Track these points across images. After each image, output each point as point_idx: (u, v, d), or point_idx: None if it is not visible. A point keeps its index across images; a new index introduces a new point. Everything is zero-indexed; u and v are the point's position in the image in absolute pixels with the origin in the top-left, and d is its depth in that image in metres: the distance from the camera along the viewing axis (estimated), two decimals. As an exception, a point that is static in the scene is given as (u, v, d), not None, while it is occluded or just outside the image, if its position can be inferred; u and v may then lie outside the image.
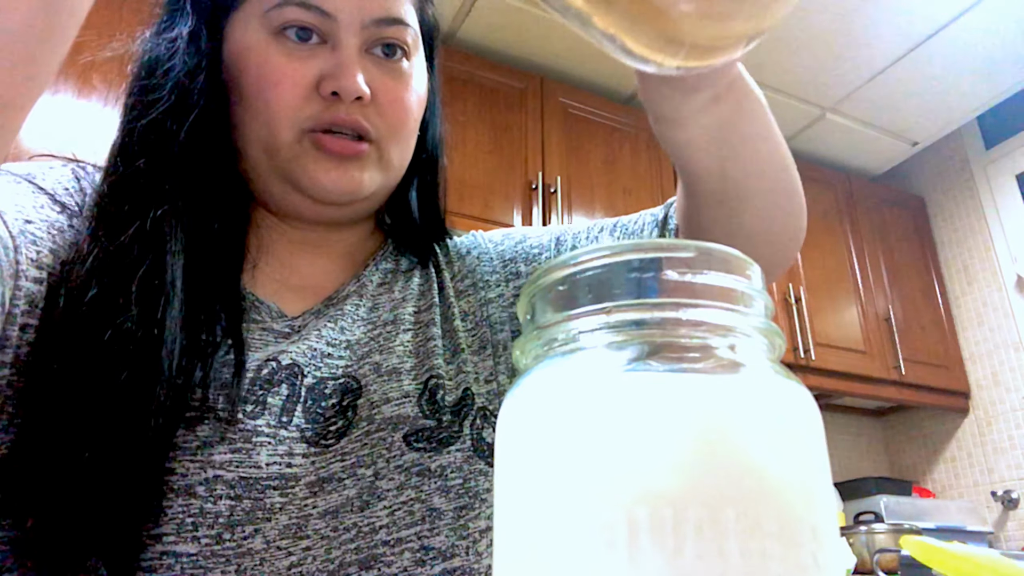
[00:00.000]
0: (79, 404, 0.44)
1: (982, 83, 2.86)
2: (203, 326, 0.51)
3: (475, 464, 0.55)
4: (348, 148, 0.55)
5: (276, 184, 0.58)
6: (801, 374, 2.61)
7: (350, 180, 0.56)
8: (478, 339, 0.63)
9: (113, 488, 0.44)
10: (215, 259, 0.55)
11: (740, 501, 0.20)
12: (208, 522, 0.46)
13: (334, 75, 0.54)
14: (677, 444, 0.20)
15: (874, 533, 2.35)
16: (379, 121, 0.57)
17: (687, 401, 0.21)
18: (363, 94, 0.54)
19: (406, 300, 0.63)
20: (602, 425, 0.21)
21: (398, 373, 0.57)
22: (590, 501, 0.20)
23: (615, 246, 0.24)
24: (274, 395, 0.52)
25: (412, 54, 0.59)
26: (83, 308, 0.46)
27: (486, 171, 2.38)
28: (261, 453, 0.49)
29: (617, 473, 0.20)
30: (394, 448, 0.53)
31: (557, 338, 0.24)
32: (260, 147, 0.56)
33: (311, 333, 0.57)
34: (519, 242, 0.70)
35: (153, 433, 0.45)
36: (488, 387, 0.61)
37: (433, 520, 0.52)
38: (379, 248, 0.67)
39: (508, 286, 0.67)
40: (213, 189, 0.56)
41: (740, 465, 0.20)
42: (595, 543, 0.19)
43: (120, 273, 0.48)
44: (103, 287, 0.47)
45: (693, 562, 0.19)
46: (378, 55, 0.57)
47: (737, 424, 0.21)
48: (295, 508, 0.49)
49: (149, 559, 0.45)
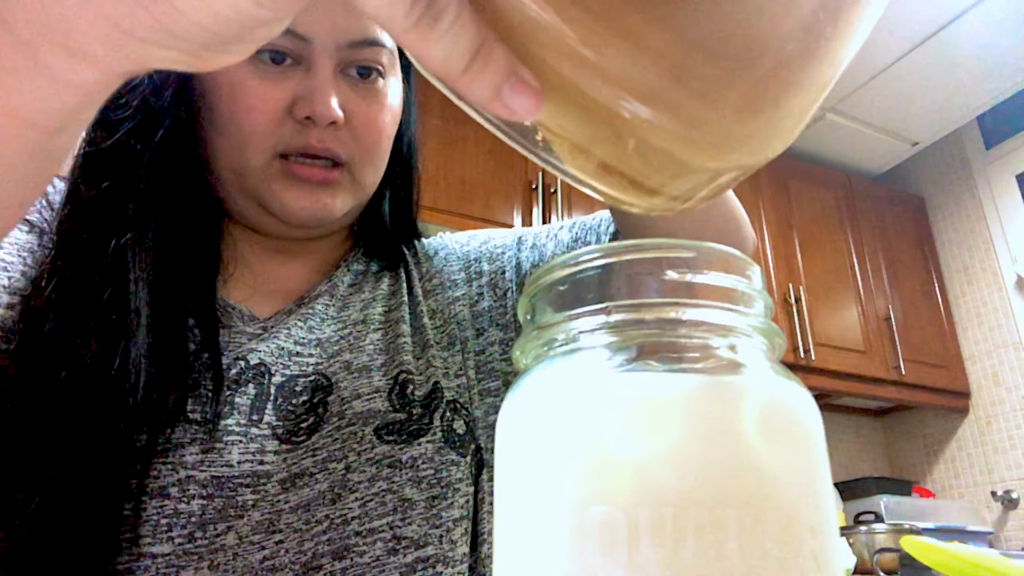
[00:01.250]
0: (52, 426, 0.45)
1: (982, 83, 2.87)
2: (176, 341, 0.51)
3: (446, 455, 0.56)
4: (318, 175, 0.55)
5: (245, 203, 0.57)
6: (801, 374, 2.61)
7: (322, 207, 0.56)
8: (446, 335, 0.64)
9: (89, 500, 0.44)
10: (187, 272, 0.54)
11: (740, 501, 0.20)
12: (181, 522, 0.46)
13: (308, 99, 0.53)
14: (677, 444, 0.20)
15: (874, 533, 2.35)
16: (353, 145, 0.56)
17: (687, 401, 0.21)
18: (337, 119, 0.53)
19: (376, 300, 0.64)
20: (602, 425, 0.21)
21: (368, 370, 0.57)
22: (590, 501, 0.20)
23: (615, 246, 0.24)
24: (241, 395, 0.52)
25: (388, 73, 0.58)
26: (42, 340, 0.46)
27: (486, 171, 2.38)
28: (232, 452, 0.49)
29: (617, 473, 0.20)
30: (365, 442, 0.53)
31: (557, 338, 0.24)
32: (230, 168, 0.55)
33: (280, 332, 0.57)
34: (484, 243, 0.71)
35: (127, 450, 0.46)
36: (457, 381, 0.61)
37: (405, 510, 0.53)
38: (350, 250, 0.68)
39: (472, 285, 0.68)
40: (182, 206, 0.55)
41: (740, 465, 0.20)
42: (595, 543, 0.19)
43: (80, 305, 0.47)
44: (62, 320, 0.47)
45: (693, 562, 0.19)
46: (353, 76, 0.56)
47: (737, 424, 0.21)
48: (267, 504, 0.49)
49: (126, 562, 0.45)
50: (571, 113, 0.25)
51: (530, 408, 0.23)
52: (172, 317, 0.51)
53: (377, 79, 0.57)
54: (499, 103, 0.23)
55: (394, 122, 0.60)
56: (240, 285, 0.59)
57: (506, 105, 0.23)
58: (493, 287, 0.67)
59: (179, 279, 0.53)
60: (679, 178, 0.26)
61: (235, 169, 0.55)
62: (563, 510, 0.20)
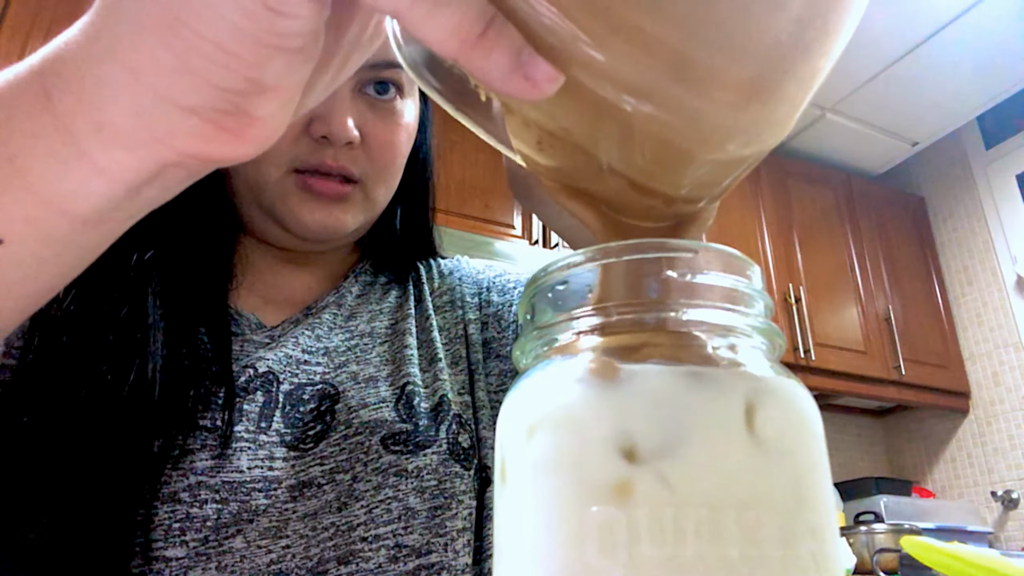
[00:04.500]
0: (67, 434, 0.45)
1: (982, 83, 2.87)
2: (188, 352, 0.51)
3: (451, 467, 0.56)
4: (333, 190, 0.56)
5: (259, 216, 0.58)
6: (801, 374, 2.61)
7: (334, 221, 0.56)
8: (451, 354, 0.65)
9: (104, 506, 0.45)
10: (200, 282, 0.55)
11: (740, 502, 0.20)
12: (196, 526, 0.47)
13: (325, 119, 0.53)
14: (677, 444, 0.20)
15: (874, 533, 2.35)
16: (367, 164, 0.57)
17: (687, 401, 0.21)
18: (353, 139, 0.54)
19: (383, 312, 0.64)
20: (602, 425, 0.21)
21: (375, 381, 0.58)
22: (590, 501, 0.20)
23: (615, 246, 0.24)
24: (250, 402, 0.53)
25: (406, 92, 0.59)
26: (58, 352, 0.46)
27: (486, 171, 2.38)
28: (242, 458, 0.50)
29: (617, 473, 0.20)
30: (371, 451, 0.54)
31: (557, 338, 0.24)
32: (246, 182, 0.56)
33: (288, 341, 0.57)
34: (498, 275, 0.72)
35: (141, 460, 0.46)
36: (462, 399, 0.62)
37: (409, 519, 0.53)
38: (358, 262, 0.68)
39: (480, 312, 0.68)
40: (199, 219, 0.56)
41: (740, 465, 0.20)
42: (595, 543, 0.19)
43: (98, 317, 0.48)
44: (80, 333, 0.47)
45: (693, 563, 0.19)
46: (371, 94, 0.57)
47: (736, 424, 0.21)
48: (276, 511, 0.50)
49: (139, 565, 0.45)
50: (573, 111, 0.24)
51: (529, 408, 0.23)
52: (185, 326, 0.52)
53: (395, 98, 0.58)
54: (519, 73, 0.22)
55: (409, 141, 0.61)
56: (249, 294, 0.60)
57: (527, 75, 0.22)
58: (498, 319, 0.68)
59: (192, 289, 0.54)
60: (678, 174, 0.26)
61: (251, 183, 0.56)
62: (563, 510, 0.20)
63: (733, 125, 0.24)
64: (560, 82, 0.22)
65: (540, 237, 2.42)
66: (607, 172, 0.26)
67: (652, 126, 0.24)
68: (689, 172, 0.26)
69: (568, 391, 0.22)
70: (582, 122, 0.25)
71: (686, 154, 0.25)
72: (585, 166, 0.26)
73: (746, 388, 0.22)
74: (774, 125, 0.26)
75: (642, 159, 0.25)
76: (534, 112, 0.26)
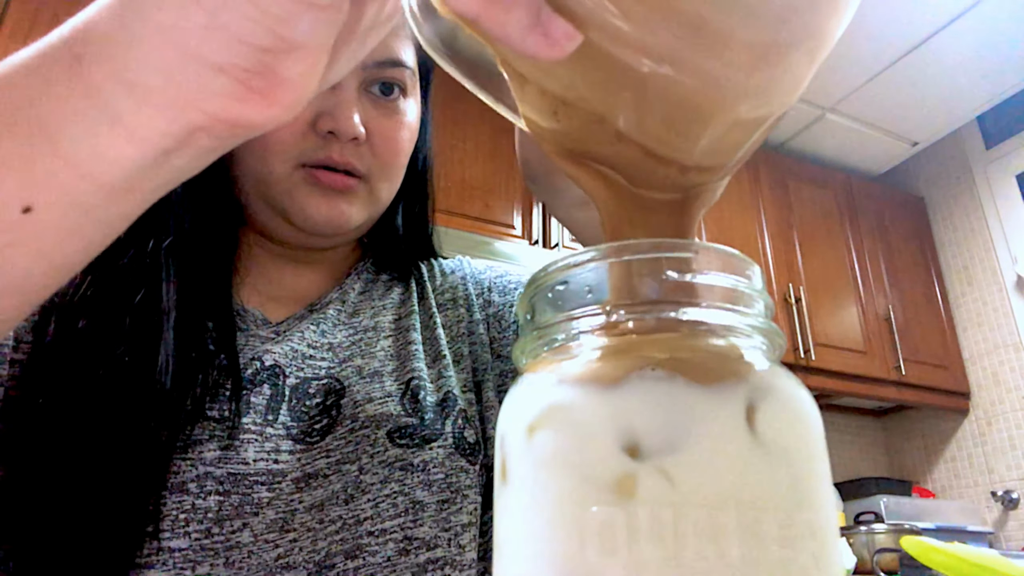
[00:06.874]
0: (78, 421, 0.46)
1: (982, 83, 2.87)
2: (196, 342, 0.52)
3: (456, 461, 0.57)
4: (338, 182, 0.57)
5: (265, 212, 0.59)
6: (801, 374, 2.61)
7: (339, 214, 0.57)
8: (454, 351, 0.65)
9: (113, 494, 0.45)
10: (207, 276, 0.56)
11: (740, 501, 0.20)
12: (198, 517, 0.47)
13: (331, 115, 0.55)
14: (677, 444, 0.20)
15: (874, 533, 2.35)
16: (371, 160, 0.58)
17: (687, 401, 0.21)
18: (359, 135, 0.55)
19: (386, 308, 0.65)
20: (603, 425, 0.21)
21: (380, 375, 0.59)
22: (590, 501, 0.20)
23: (615, 246, 0.24)
24: (257, 394, 0.53)
25: (409, 92, 0.61)
26: (75, 336, 0.47)
27: (487, 172, 2.38)
28: (248, 450, 0.50)
29: (618, 473, 0.20)
30: (378, 444, 0.54)
31: (557, 338, 0.24)
32: (253, 177, 0.57)
33: (293, 335, 0.58)
34: (500, 275, 0.73)
35: (152, 447, 0.47)
36: (466, 396, 0.62)
37: (416, 512, 0.53)
38: (360, 260, 0.70)
39: (481, 312, 0.69)
40: (208, 212, 0.58)
41: (740, 465, 0.20)
42: (595, 543, 0.19)
43: (114, 302, 0.49)
44: (97, 315, 0.48)
45: (693, 562, 0.19)
46: (375, 93, 0.58)
47: (736, 424, 0.21)
48: (282, 503, 0.50)
49: (145, 555, 0.46)
50: (589, 76, 0.25)
51: (529, 408, 0.23)
52: (193, 318, 0.53)
53: (398, 97, 0.59)
54: (538, 30, 0.22)
55: (411, 139, 0.62)
56: (253, 291, 0.61)
57: (546, 32, 0.22)
58: (499, 320, 0.68)
59: (199, 282, 0.55)
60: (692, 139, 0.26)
61: (258, 178, 0.57)
62: (563, 509, 0.20)
63: (745, 85, 0.24)
64: (578, 41, 0.22)
65: (540, 237, 2.42)
66: (622, 141, 0.26)
67: (668, 88, 0.24)
68: (704, 136, 0.26)
69: (568, 391, 0.22)
70: (598, 88, 0.25)
71: (701, 117, 0.25)
72: (600, 135, 0.27)
73: (746, 388, 0.22)
74: (785, 85, 0.26)
75: (657, 125, 0.25)
76: (550, 80, 0.26)
